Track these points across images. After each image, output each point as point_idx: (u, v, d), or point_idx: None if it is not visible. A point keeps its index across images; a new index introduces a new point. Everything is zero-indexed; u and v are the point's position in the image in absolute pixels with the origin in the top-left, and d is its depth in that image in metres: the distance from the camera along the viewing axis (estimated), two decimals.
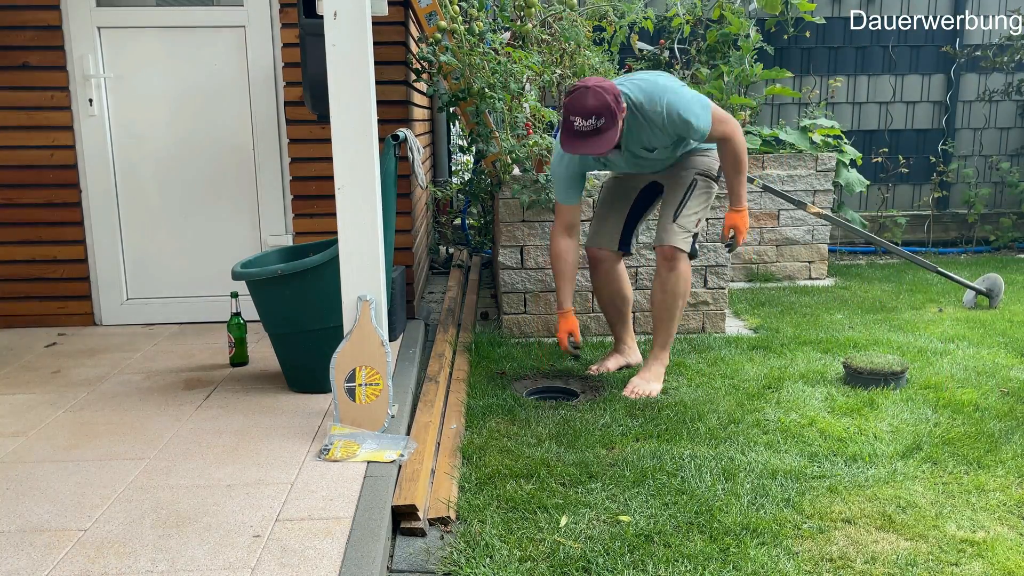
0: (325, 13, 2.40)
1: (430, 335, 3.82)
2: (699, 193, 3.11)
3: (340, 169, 2.47)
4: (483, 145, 3.81)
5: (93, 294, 3.84)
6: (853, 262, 5.98)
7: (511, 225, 3.80)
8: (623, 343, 3.44)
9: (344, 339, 2.52)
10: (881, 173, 6.32)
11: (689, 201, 3.09)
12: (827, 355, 3.52)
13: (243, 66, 3.73)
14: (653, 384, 3.10)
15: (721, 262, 3.89)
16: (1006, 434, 2.67)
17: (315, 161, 3.71)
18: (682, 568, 1.91)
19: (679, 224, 3.08)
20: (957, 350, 3.60)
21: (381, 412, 2.52)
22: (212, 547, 1.87)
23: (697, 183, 3.11)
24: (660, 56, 5.77)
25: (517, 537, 2.05)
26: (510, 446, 2.59)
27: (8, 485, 2.20)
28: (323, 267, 2.77)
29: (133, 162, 3.78)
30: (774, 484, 2.32)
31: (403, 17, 3.71)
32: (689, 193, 3.10)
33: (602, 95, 2.77)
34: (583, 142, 2.81)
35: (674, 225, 3.09)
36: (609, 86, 2.81)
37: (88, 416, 2.70)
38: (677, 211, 3.09)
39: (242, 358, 3.24)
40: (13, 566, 1.80)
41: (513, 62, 3.76)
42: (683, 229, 3.08)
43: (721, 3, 5.57)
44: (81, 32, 3.64)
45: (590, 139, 2.79)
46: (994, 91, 6.38)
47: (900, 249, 4.60)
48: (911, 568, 1.92)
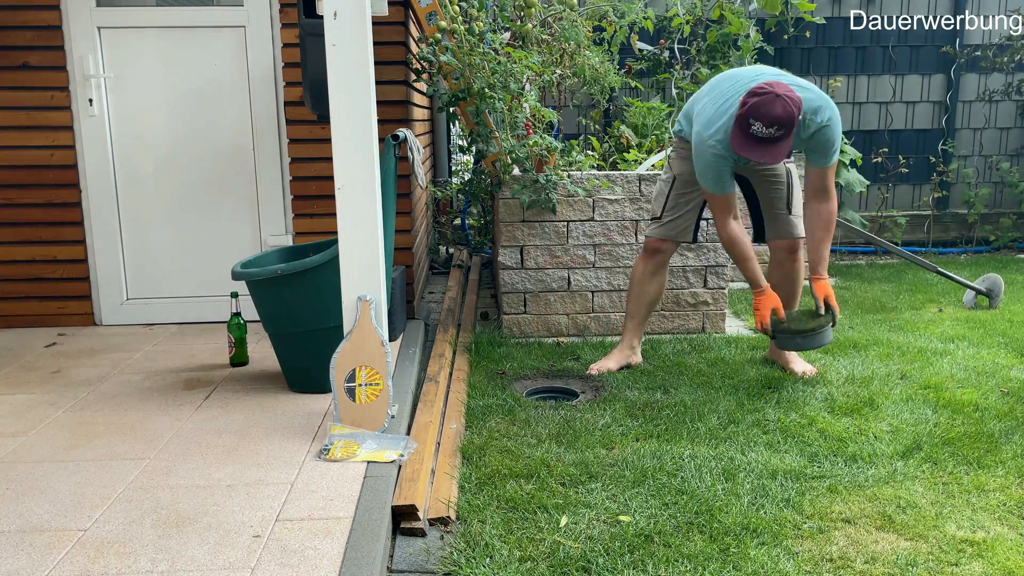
0: (325, 13, 2.40)
1: (430, 335, 3.82)
2: (796, 182, 3.21)
3: (340, 169, 2.47)
4: (483, 145, 3.81)
5: (93, 294, 3.84)
6: (853, 262, 5.98)
7: (511, 225, 3.80)
8: (631, 342, 3.44)
9: (344, 339, 2.52)
10: (881, 173, 6.32)
11: (794, 191, 3.19)
12: (827, 355, 3.52)
13: (243, 66, 3.73)
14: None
15: (721, 262, 3.89)
16: (1006, 434, 2.67)
17: (315, 161, 3.71)
18: (682, 568, 1.91)
19: (796, 214, 3.20)
20: (957, 350, 3.60)
21: (381, 412, 2.52)
22: (212, 547, 1.87)
23: (792, 172, 3.20)
24: (660, 56, 5.77)
25: (517, 537, 2.05)
26: (510, 446, 2.59)
27: (8, 485, 2.20)
28: (323, 267, 2.77)
29: (133, 162, 3.78)
30: (774, 484, 2.32)
31: (403, 17, 3.71)
32: (791, 183, 3.18)
33: (790, 106, 2.73)
34: (758, 147, 2.78)
35: (792, 217, 3.20)
36: (796, 98, 2.77)
37: (88, 416, 2.70)
38: (789, 203, 3.19)
39: (242, 358, 3.24)
40: (13, 566, 1.80)
41: (513, 62, 3.76)
42: (799, 218, 3.19)
43: (721, 3, 5.57)
44: (81, 32, 3.64)
45: (767, 147, 2.77)
46: (994, 91, 6.38)
47: (900, 249, 4.60)
48: (911, 568, 1.92)
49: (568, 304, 3.87)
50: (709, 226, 3.85)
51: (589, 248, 3.83)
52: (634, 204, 3.81)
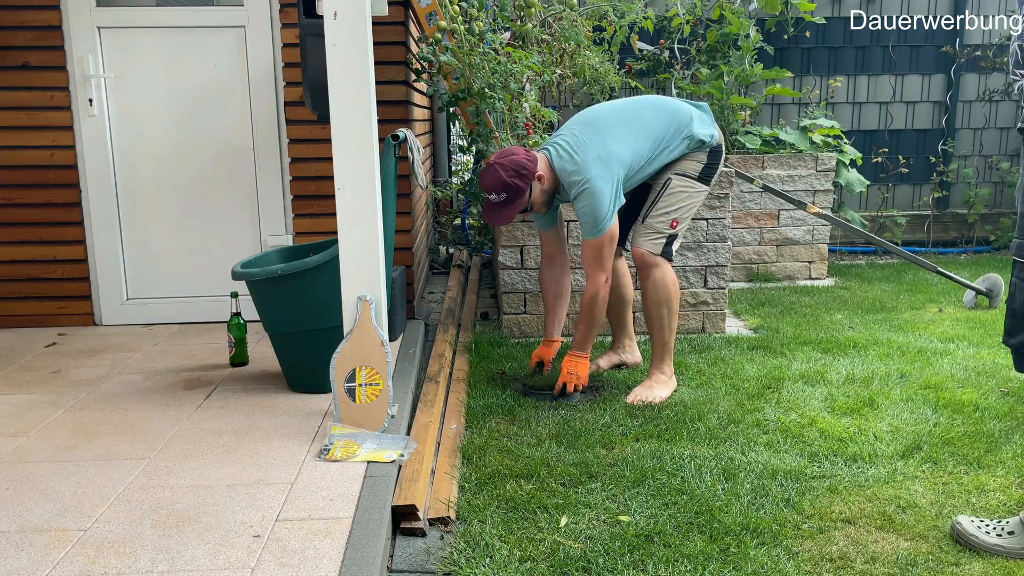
0: (325, 13, 2.40)
1: (430, 335, 3.82)
2: (671, 192, 3.03)
3: (340, 169, 2.47)
4: (483, 145, 3.81)
5: (93, 294, 3.84)
6: (853, 262, 5.98)
7: (511, 225, 3.80)
8: (620, 342, 3.44)
9: (344, 339, 2.52)
10: (881, 173, 6.32)
11: (659, 201, 3.03)
12: (827, 355, 3.52)
13: (243, 66, 3.73)
14: (657, 391, 3.02)
15: (721, 262, 3.89)
16: (1006, 434, 2.67)
17: (315, 161, 3.71)
18: (682, 568, 1.91)
19: (647, 225, 3.04)
20: (957, 350, 3.60)
21: (381, 412, 2.52)
22: (212, 547, 1.87)
23: (671, 182, 3.03)
24: (660, 56, 5.77)
25: (517, 537, 2.05)
26: (510, 446, 2.59)
27: (8, 485, 2.20)
28: (323, 267, 2.77)
29: (133, 162, 3.78)
30: (774, 484, 2.32)
31: (403, 17, 3.71)
32: (661, 192, 3.04)
33: (498, 174, 2.89)
34: (490, 211, 3.00)
35: (642, 226, 3.06)
36: (510, 162, 2.90)
37: (88, 416, 2.70)
38: (648, 211, 3.05)
39: (242, 358, 3.24)
40: (13, 566, 1.80)
41: (513, 62, 3.76)
42: (652, 230, 3.03)
43: (721, 3, 5.57)
44: (81, 32, 3.64)
45: (496, 210, 2.97)
46: (994, 91, 6.38)
47: (900, 249, 4.60)
48: (911, 568, 1.92)
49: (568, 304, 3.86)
50: (709, 225, 3.85)
51: None
52: None
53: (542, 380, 3.20)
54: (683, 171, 3.05)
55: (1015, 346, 2.18)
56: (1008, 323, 2.20)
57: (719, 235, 3.85)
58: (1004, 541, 1.97)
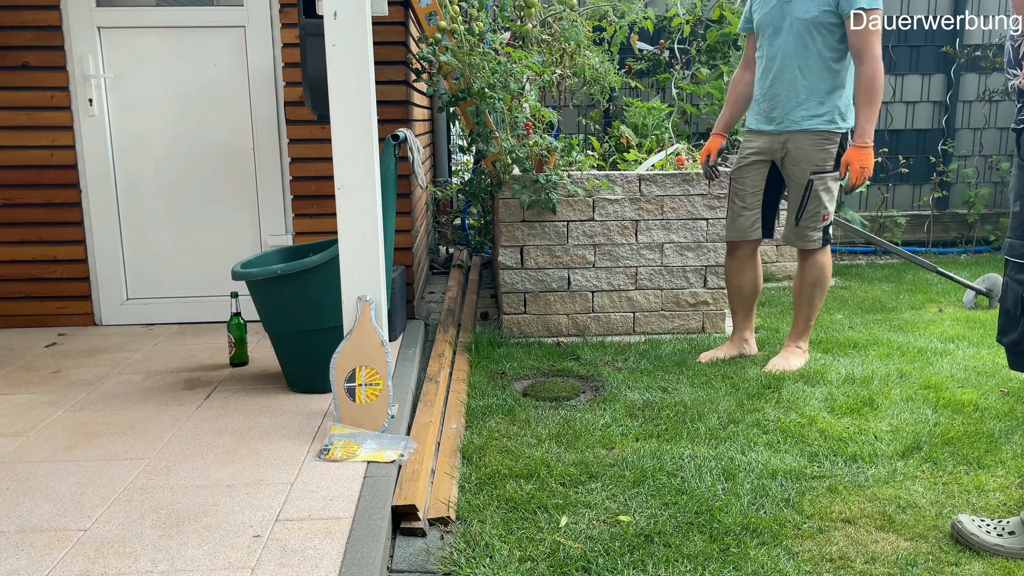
0: (325, 13, 2.40)
1: (430, 335, 3.82)
2: (813, 196, 3.23)
3: (340, 169, 2.47)
4: (483, 145, 3.81)
5: (93, 294, 3.84)
6: (853, 262, 5.98)
7: (511, 225, 3.80)
8: (741, 335, 3.52)
9: (344, 339, 2.52)
10: (881, 173, 6.32)
11: (808, 204, 3.25)
12: (827, 355, 3.52)
13: (243, 66, 3.73)
14: (793, 361, 3.31)
15: (721, 262, 3.89)
16: (1006, 434, 2.67)
17: (315, 161, 3.71)
18: (682, 568, 1.91)
19: (801, 228, 3.28)
20: (957, 350, 3.60)
21: (381, 412, 2.52)
22: (212, 547, 1.87)
23: (812, 184, 3.22)
24: (660, 56, 5.77)
25: (517, 537, 2.05)
26: (510, 446, 2.59)
27: (8, 485, 2.20)
28: (323, 267, 2.77)
29: (133, 162, 3.78)
30: (774, 484, 2.32)
31: (403, 17, 3.71)
32: (807, 195, 3.24)
33: None
34: None
35: (796, 230, 3.31)
36: None
37: (88, 416, 2.71)
38: (799, 215, 3.26)
39: (242, 358, 3.24)
40: (13, 566, 1.80)
41: (513, 62, 3.76)
42: (807, 231, 3.27)
43: (721, 3, 5.56)
44: (81, 32, 3.64)
45: None
46: (994, 91, 6.38)
47: (900, 249, 4.60)
48: (911, 568, 1.93)
49: (568, 304, 3.87)
50: (709, 225, 3.85)
51: (589, 248, 3.83)
52: (634, 204, 3.81)
53: (546, 391, 3.21)
54: (821, 169, 3.20)
55: (1008, 344, 2.18)
56: (1001, 322, 2.20)
57: (719, 235, 3.85)
58: (1004, 541, 1.97)
